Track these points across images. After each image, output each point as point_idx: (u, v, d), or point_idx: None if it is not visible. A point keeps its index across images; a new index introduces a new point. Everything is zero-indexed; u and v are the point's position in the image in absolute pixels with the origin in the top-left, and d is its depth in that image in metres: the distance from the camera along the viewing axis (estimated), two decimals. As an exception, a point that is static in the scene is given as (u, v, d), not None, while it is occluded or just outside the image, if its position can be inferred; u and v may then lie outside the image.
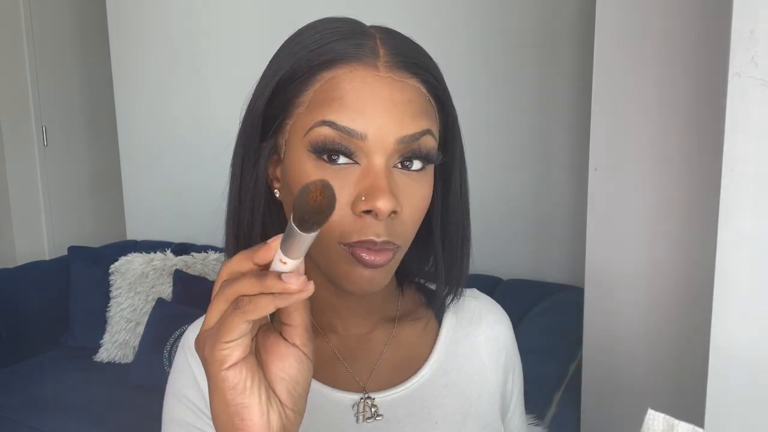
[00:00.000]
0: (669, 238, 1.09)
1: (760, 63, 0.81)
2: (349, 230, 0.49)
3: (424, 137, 0.51)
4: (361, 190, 0.49)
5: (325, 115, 0.49)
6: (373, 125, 0.48)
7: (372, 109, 0.48)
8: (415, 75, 0.51)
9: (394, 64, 0.50)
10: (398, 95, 0.49)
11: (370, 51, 0.50)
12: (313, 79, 0.50)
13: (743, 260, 0.87)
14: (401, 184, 0.51)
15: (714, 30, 0.97)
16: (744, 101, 0.83)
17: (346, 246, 0.50)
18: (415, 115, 0.50)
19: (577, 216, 1.78)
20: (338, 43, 0.50)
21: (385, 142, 0.49)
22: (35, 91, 3.05)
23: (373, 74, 0.49)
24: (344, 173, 0.49)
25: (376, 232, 0.49)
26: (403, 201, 0.50)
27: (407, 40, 0.54)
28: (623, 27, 1.09)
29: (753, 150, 0.84)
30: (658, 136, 1.08)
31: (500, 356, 0.66)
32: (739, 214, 0.86)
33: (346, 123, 0.48)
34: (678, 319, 1.11)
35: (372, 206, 0.48)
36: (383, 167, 0.49)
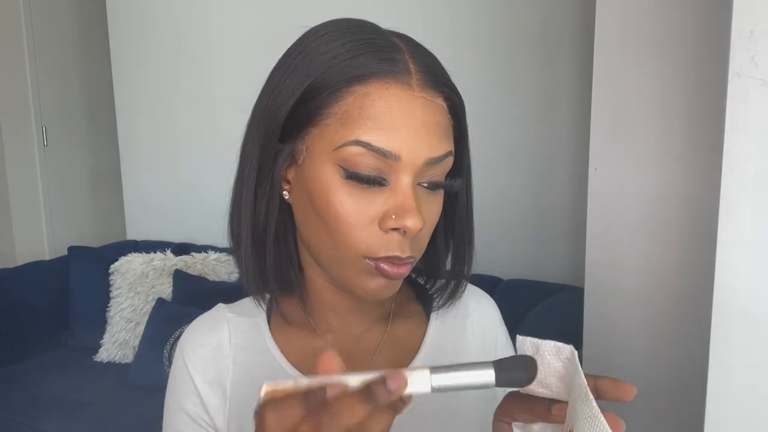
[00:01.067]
0: (669, 238, 1.09)
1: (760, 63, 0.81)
2: (377, 246, 0.51)
3: (447, 159, 0.52)
4: (390, 208, 0.50)
5: (360, 134, 0.49)
6: (406, 147, 0.49)
7: (406, 130, 0.49)
8: (442, 94, 0.52)
9: (425, 82, 0.51)
10: (430, 116, 0.50)
11: (403, 67, 0.50)
12: (346, 92, 0.50)
13: (743, 260, 0.87)
14: (423, 202, 0.52)
15: (714, 30, 0.97)
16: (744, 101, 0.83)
17: (372, 260, 0.52)
18: (441, 136, 0.51)
19: (577, 216, 1.78)
20: (372, 56, 0.50)
21: (416, 163, 0.50)
22: (35, 91, 3.05)
23: (407, 93, 0.50)
24: (373, 192, 0.50)
25: (402, 248, 0.51)
26: (425, 217, 0.52)
27: (429, 53, 0.54)
28: (623, 27, 1.09)
29: (753, 150, 0.84)
30: (658, 136, 1.08)
31: (489, 347, 0.66)
32: (739, 214, 0.86)
33: (381, 144, 0.49)
34: (678, 319, 1.11)
35: (402, 225, 0.49)
36: (411, 186, 0.50)
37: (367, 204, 0.50)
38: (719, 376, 0.90)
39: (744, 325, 0.88)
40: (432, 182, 0.52)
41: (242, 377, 0.61)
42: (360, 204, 0.50)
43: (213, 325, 0.64)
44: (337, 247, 0.52)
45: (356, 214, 0.50)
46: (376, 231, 0.51)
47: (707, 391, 0.91)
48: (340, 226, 0.51)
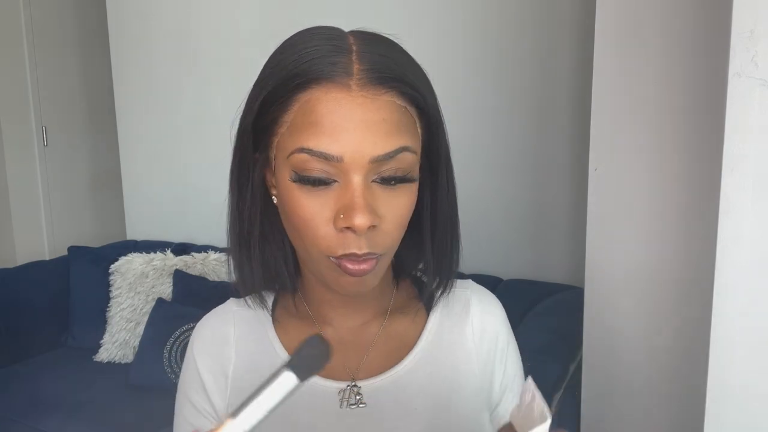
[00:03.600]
0: (669, 238, 1.09)
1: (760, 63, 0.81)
2: (334, 245, 0.53)
3: (400, 155, 0.52)
4: (340, 207, 0.52)
5: (303, 141, 0.51)
6: (347, 148, 0.50)
7: (345, 132, 0.50)
8: (391, 89, 0.52)
9: (367, 80, 0.51)
10: (371, 115, 0.51)
11: (344, 69, 0.51)
12: (293, 100, 0.52)
13: (743, 260, 0.87)
14: (380, 197, 0.53)
15: (714, 30, 0.97)
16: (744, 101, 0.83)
17: (334, 258, 0.54)
18: (389, 133, 0.51)
19: (577, 216, 1.78)
20: (314, 62, 0.51)
21: (360, 162, 0.51)
22: (35, 91, 3.05)
23: (346, 95, 0.51)
24: (325, 192, 0.52)
25: (358, 245, 0.52)
26: (384, 213, 0.53)
27: (387, 47, 0.55)
28: (623, 27, 1.09)
29: (753, 150, 0.84)
30: (659, 136, 1.08)
31: (489, 347, 0.66)
32: (739, 214, 0.86)
33: (322, 148, 0.50)
34: (678, 319, 1.11)
35: (350, 223, 0.51)
36: (360, 184, 0.51)
37: (321, 204, 0.52)
38: (719, 376, 0.90)
39: (744, 325, 0.88)
40: (385, 177, 0.53)
41: (244, 366, 0.65)
42: (315, 205, 0.53)
43: (220, 318, 0.69)
44: (306, 248, 0.55)
45: (313, 215, 0.53)
46: (332, 231, 0.53)
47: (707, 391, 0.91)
48: (302, 229, 0.54)
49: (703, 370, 0.92)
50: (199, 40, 2.50)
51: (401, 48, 0.56)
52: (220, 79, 2.44)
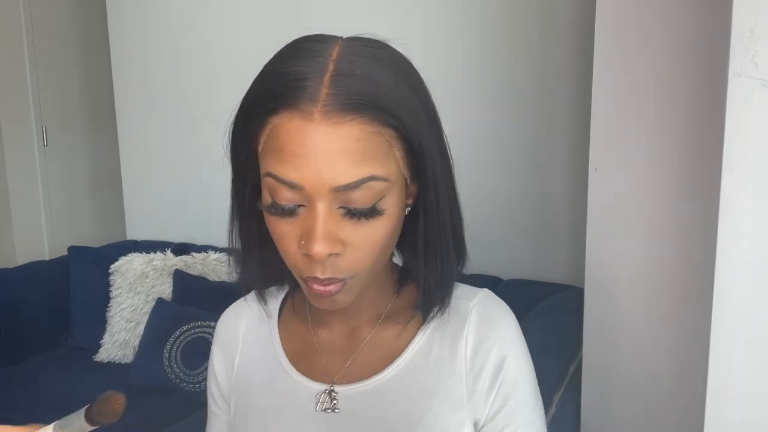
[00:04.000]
0: (669, 238, 1.09)
1: (760, 63, 0.81)
2: (300, 266, 0.54)
3: (366, 184, 0.51)
4: (303, 233, 0.52)
5: (270, 166, 0.52)
6: (308, 177, 0.50)
7: (305, 161, 0.50)
8: (358, 115, 0.50)
9: (332, 107, 0.50)
10: (332, 144, 0.50)
11: (310, 96, 0.50)
12: (265, 122, 0.52)
13: (743, 260, 0.87)
14: (347, 226, 0.52)
15: (714, 30, 0.97)
16: (744, 101, 0.83)
17: (302, 278, 0.55)
18: (351, 162, 0.50)
19: (577, 216, 1.78)
20: (285, 86, 0.51)
21: (321, 191, 0.51)
22: (35, 91, 3.04)
23: (307, 123, 0.50)
24: (295, 218, 0.53)
25: (321, 270, 0.53)
26: (351, 240, 0.53)
27: (370, 63, 0.52)
28: (623, 27, 1.09)
29: (753, 150, 0.84)
30: (658, 136, 1.08)
31: (481, 367, 0.61)
32: (739, 214, 0.86)
33: (284, 175, 0.51)
34: (678, 319, 1.10)
35: (308, 251, 0.52)
36: (323, 212, 0.51)
37: (290, 227, 0.53)
38: (719, 375, 0.91)
39: (744, 325, 0.88)
40: (352, 211, 0.52)
41: (247, 358, 0.69)
42: (285, 227, 0.53)
43: (236, 309, 0.73)
44: (288, 266, 0.57)
45: (283, 237, 0.54)
46: (299, 253, 0.53)
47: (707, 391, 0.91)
48: (278, 246, 0.56)
49: (703, 370, 0.92)
50: (199, 39, 2.50)
51: (390, 61, 0.54)
52: (220, 79, 2.44)
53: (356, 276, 0.55)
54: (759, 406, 0.90)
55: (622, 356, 1.18)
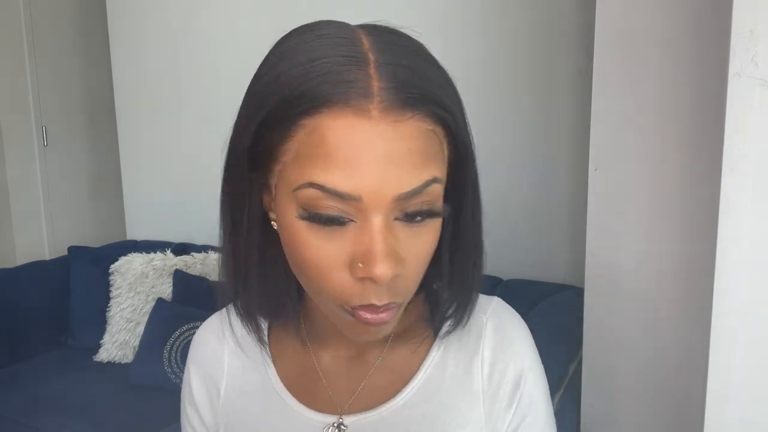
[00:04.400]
0: (669, 238, 1.09)
1: (760, 63, 0.81)
2: (350, 294, 0.46)
3: (428, 188, 0.45)
4: (358, 253, 0.44)
5: (313, 175, 0.43)
6: (367, 186, 0.43)
7: (364, 167, 0.42)
8: (417, 110, 0.44)
9: (391, 103, 0.43)
10: (395, 145, 0.43)
11: (362, 89, 0.43)
12: (297, 126, 0.44)
13: (743, 260, 0.87)
14: (403, 238, 0.46)
15: (714, 30, 0.97)
16: (744, 101, 0.83)
17: (348, 308, 0.47)
18: (416, 165, 0.44)
19: (577, 216, 1.78)
20: (323, 80, 0.43)
21: (382, 201, 0.43)
22: (35, 91, 3.05)
23: (365, 122, 0.42)
24: (340, 233, 0.45)
25: (378, 296, 0.46)
26: (407, 255, 0.46)
27: (410, 53, 0.46)
28: (623, 27, 1.09)
29: (753, 150, 0.84)
30: (658, 136, 1.08)
31: (500, 386, 0.57)
32: (739, 214, 0.86)
33: (335, 186, 0.43)
34: (678, 320, 1.10)
35: (370, 274, 0.44)
36: (381, 226, 0.44)
37: (336, 247, 0.45)
38: (719, 375, 0.91)
39: (744, 325, 0.88)
40: (410, 213, 0.45)
41: (235, 386, 0.61)
42: (328, 247, 0.45)
43: (216, 329, 0.64)
44: (314, 292, 0.49)
45: (324, 259, 0.45)
46: (348, 278, 0.45)
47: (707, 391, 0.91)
48: (310, 272, 0.47)
49: (703, 370, 0.92)
50: (199, 39, 2.50)
51: (426, 51, 0.48)
52: (221, 79, 2.44)
53: (406, 300, 0.49)
54: (759, 406, 0.90)
55: (622, 356, 1.18)
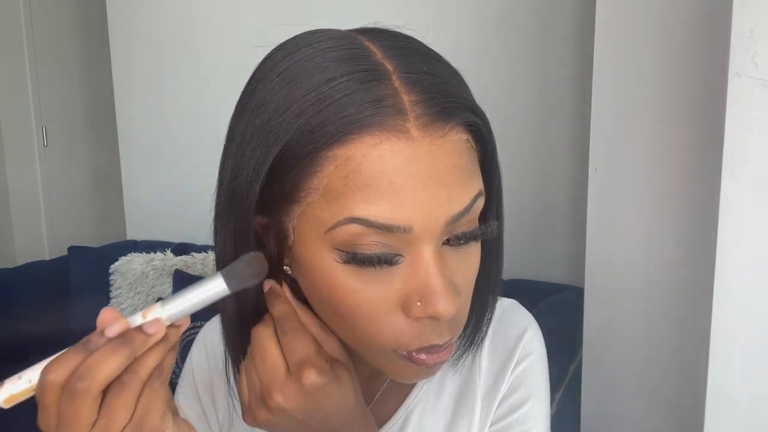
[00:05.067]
0: (669, 238, 1.09)
1: (760, 63, 0.81)
2: (408, 338, 0.41)
3: (477, 202, 0.41)
4: (413, 291, 0.40)
5: (353, 209, 0.38)
6: (417, 214, 0.38)
7: (413, 193, 0.38)
8: (455, 121, 0.40)
9: (429, 118, 0.38)
10: (441, 164, 0.38)
11: (394, 106, 0.38)
12: (325, 159, 0.38)
13: (743, 260, 0.87)
14: (455, 265, 0.41)
15: (714, 30, 0.97)
16: (744, 101, 0.83)
17: (404, 352, 0.42)
18: (464, 181, 0.40)
19: (577, 216, 1.78)
20: (348, 101, 0.38)
21: (434, 228, 0.39)
22: (35, 91, 3.05)
23: (405, 144, 0.38)
24: (387, 272, 0.40)
25: (440, 335, 0.42)
26: (460, 282, 0.42)
27: (424, 57, 0.42)
28: (623, 27, 1.09)
29: (753, 150, 0.84)
30: (658, 136, 1.08)
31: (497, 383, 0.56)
32: (739, 214, 0.86)
33: (383, 218, 0.38)
34: (678, 320, 1.10)
35: (432, 312, 0.39)
36: (434, 257, 0.39)
37: (384, 289, 0.40)
38: (719, 376, 0.90)
39: (744, 325, 0.88)
40: (459, 236, 0.41)
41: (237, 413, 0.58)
42: (374, 290, 0.40)
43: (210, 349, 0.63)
44: (359, 339, 0.44)
45: (372, 303, 0.41)
46: (403, 320, 0.41)
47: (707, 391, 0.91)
48: (355, 320, 0.42)
49: (703, 370, 0.92)
50: (199, 40, 2.50)
51: (434, 52, 0.44)
52: (221, 79, 2.44)
53: (460, 332, 0.45)
54: (759, 407, 0.90)
55: (622, 356, 1.18)
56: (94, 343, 0.36)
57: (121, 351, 0.36)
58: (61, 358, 0.36)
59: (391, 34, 0.44)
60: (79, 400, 0.35)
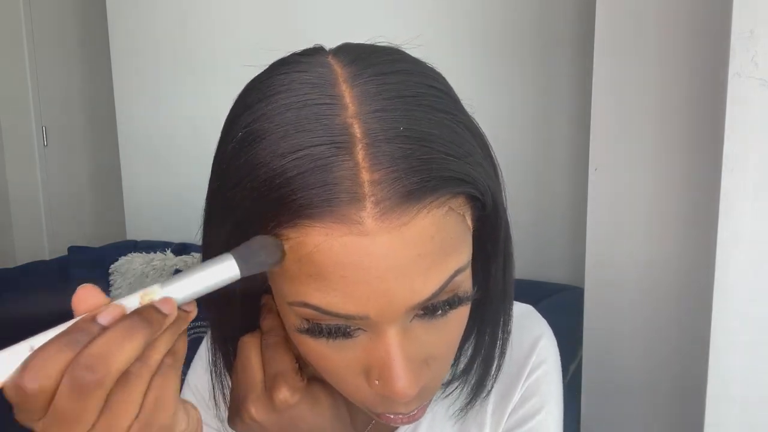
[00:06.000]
0: (669, 238, 1.09)
1: (760, 63, 0.81)
2: (372, 402, 0.41)
3: (454, 281, 0.38)
4: (374, 365, 0.38)
5: (306, 296, 0.36)
6: (373, 305, 0.35)
7: (364, 286, 0.35)
8: (426, 198, 0.35)
9: (391, 203, 0.34)
10: (403, 256, 0.34)
11: (349, 193, 0.33)
12: (279, 236, 0.36)
13: (743, 260, 0.87)
14: (426, 337, 0.39)
15: (714, 30, 0.97)
16: (744, 101, 0.83)
17: (373, 412, 0.42)
18: (430, 269, 0.36)
19: (577, 216, 1.78)
20: (300, 182, 0.34)
21: (393, 315, 0.36)
22: (35, 91, 3.05)
23: (359, 239, 0.34)
24: (347, 343, 0.38)
25: (406, 405, 0.40)
26: (432, 351, 0.39)
27: (408, 104, 0.36)
28: (623, 26, 1.09)
29: (753, 150, 0.84)
30: (658, 136, 1.08)
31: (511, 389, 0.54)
32: (738, 214, 0.86)
33: (336, 308, 0.36)
34: (678, 319, 1.10)
35: (389, 394, 0.38)
36: (396, 337, 0.37)
37: (346, 356, 0.39)
38: (719, 376, 0.90)
39: (744, 325, 0.88)
40: (436, 306, 0.38)
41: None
42: (337, 358, 0.39)
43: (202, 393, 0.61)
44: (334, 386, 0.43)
45: (335, 369, 0.40)
46: (367, 387, 0.40)
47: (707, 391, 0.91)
48: (326, 375, 0.42)
49: (703, 370, 0.92)
50: (199, 39, 2.50)
51: (424, 87, 0.38)
52: (221, 79, 2.44)
53: (436, 391, 0.44)
54: (759, 406, 0.90)
55: (622, 356, 1.18)
56: (86, 332, 0.29)
57: (140, 333, 0.29)
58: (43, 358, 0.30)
59: (378, 70, 0.38)
60: (88, 395, 0.28)
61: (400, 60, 0.40)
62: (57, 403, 0.29)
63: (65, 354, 0.29)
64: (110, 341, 0.29)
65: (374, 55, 0.39)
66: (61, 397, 0.29)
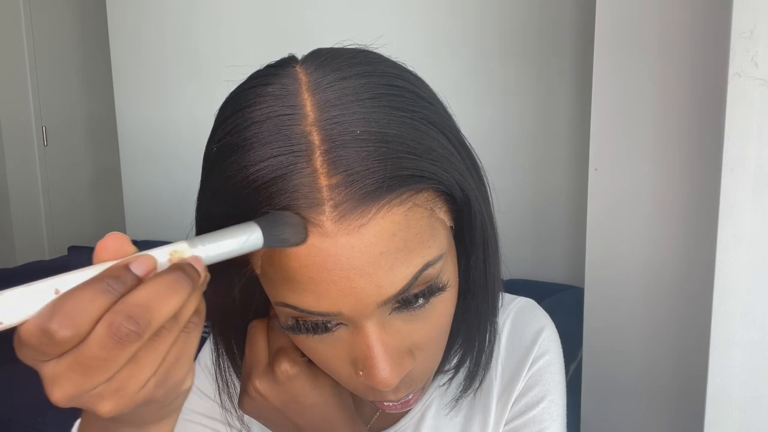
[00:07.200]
0: (669, 238, 1.09)
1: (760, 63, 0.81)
2: (362, 391, 0.43)
3: (424, 274, 0.39)
4: (356, 358, 0.40)
5: (283, 297, 0.39)
6: (342, 302, 0.37)
7: (336, 286, 0.37)
8: (384, 198, 0.36)
9: (348, 205, 0.35)
10: (364, 255, 0.36)
11: (308, 199, 0.35)
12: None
13: (743, 260, 0.87)
14: (406, 328, 0.41)
15: (714, 30, 0.97)
16: (744, 101, 0.83)
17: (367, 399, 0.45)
18: (395, 265, 0.37)
19: (577, 216, 1.78)
20: (263, 193, 0.36)
21: (365, 311, 0.38)
22: (35, 91, 3.05)
23: (321, 241, 0.36)
24: (332, 337, 0.41)
25: (395, 393, 0.42)
26: (417, 341, 0.41)
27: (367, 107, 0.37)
28: (623, 27, 1.09)
29: (753, 150, 0.84)
30: (658, 136, 1.08)
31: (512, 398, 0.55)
32: (738, 214, 0.86)
33: (309, 307, 0.38)
34: (678, 319, 1.11)
35: (373, 384, 0.39)
36: (374, 330, 0.39)
37: (332, 348, 0.41)
38: (719, 375, 0.90)
39: (744, 325, 0.88)
40: (410, 298, 0.39)
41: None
42: (324, 350, 0.41)
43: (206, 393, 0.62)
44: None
45: (325, 360, 0.42)
46: (355, 378, 0.42)
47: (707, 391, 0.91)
48: (321, 367, 0.44)
49: (703, 370, 0.92)
50: (199, 40, 2.50)
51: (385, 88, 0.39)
52: (220, 79, 2.44)
53: (430, 375, 0.46)
54: (759, 407, 0.90)
55: (622, 356, 1.18)
56: (122, 280, 0.29)
57: (184, 289, 0.29)
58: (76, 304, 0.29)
59: (339, 75, 0.38)
60: (124, 346, 0.27)
61: (361, 63, 0.40)
62: (84, 351, 0.28)
63: (101, 301, 0.28)
64: (155, 294, 0.28)
65: (336, 60, 0.40)
66: (91, 345, 0.28)
